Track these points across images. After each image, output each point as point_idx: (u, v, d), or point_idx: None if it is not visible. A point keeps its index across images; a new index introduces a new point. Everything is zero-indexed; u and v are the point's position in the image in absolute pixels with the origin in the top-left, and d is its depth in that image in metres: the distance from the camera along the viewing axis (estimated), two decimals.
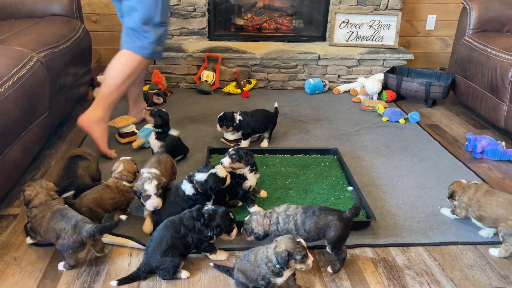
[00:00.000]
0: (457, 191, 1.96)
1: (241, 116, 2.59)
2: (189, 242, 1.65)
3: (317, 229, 1.66)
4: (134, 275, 1.63)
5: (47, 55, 2.45)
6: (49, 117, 2.45)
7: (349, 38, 3.91)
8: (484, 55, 2.99)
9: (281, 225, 1.68)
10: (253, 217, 1.73)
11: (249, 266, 1.53)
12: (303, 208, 1.71)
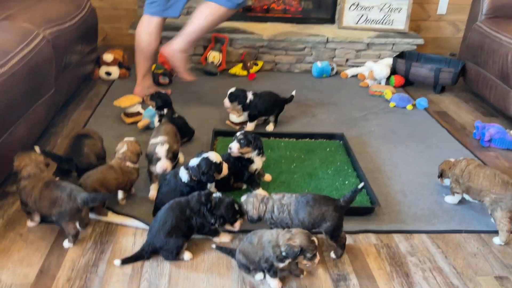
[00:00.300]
0: (445, 170, 2.03)
1: (252, 96, 2.57)
2: (193, 225, 1.66)
3: (311, 219, 1.63)
4: (138, 255, 1.65)
5: (53, 32, 2.43)
6: (55, 95, 2.45)
7: (359, 21, 3.85)
8: (496, 42, 2.93)
9: (276, 214, 1.66)
10: (250, 199, 1.71)
11: (251, 248, 1.53)
12: (297, 197, 1.67)
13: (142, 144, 2.06)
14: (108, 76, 3.32)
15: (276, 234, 1.51)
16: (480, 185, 1.84)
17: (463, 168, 1.93)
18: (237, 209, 1.68)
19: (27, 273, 1.57)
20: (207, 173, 1.79)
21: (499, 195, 1.79)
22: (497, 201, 1.79)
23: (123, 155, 1.92)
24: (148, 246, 1.65)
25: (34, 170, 1.73)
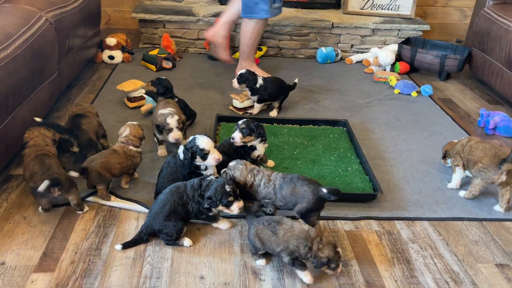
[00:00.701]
0: (449, 150, 2.10)
1: (262, 80, 2.58)
2: (190, 210, 1.66)
3: (292, 196, 1.66)
4: (137, 238, 1.66)
5: (56, 14, 2.41)
6: (58, 79, 2.44)
7: (364, 6, 3.79)
8: (504, 28, 2.89)
9: (262, 188, 1.70)
10: (239, 166, 1.73)
11: (274, 239, 1.51)
12: (284, 175, 1.72)
13: (145, 128, 2.07)
14: (111, 60, 3.30)
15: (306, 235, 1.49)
16: (476, 157, 1.94)
17: (464, 143, 2.02)
18: (229, 190, 1.61)
19: (31, 256, 1.59)
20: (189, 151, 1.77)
21: (484, 165, 1.89)
22: (481, 170, 1.90)
23: (125, 139, 1.92)
24: (147, 228, 1.66)
25: (39, 141, 1.84)
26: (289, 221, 1.55)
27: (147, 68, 3.25)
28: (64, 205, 1.83)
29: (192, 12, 3.58)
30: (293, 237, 1.49)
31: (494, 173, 1.86)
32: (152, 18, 3.50)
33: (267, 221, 1.56)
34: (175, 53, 3.45)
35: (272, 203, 1.71)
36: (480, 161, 1.90)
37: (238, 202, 1.64)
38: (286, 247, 1.50)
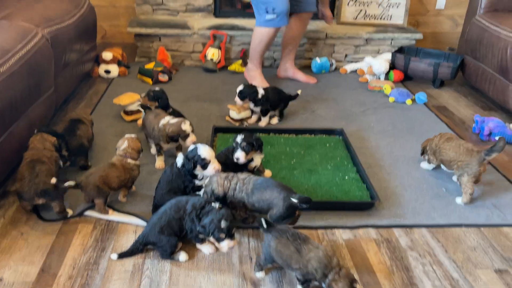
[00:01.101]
0: (426, 146, 2.19)
1: (263, 91, 2.61)
2: (183, 226, 1.63)
3: (261, 201, 1.68)
4: (133, 249, 1.65)
5: (52, 31, 2.43)
6: (54, 94, 2.45)
7: (357, 17, 3.84)
8: (495, 36, 2.93)
9: (237, 192, 1.71)
10: (214, 178, 1.74)
11: (296, 257, 1.46)
12: (258, 179, 1.73)
13: (142, 141, 2.07)
14: (107, 74, 3.32)
15: (328, 262, 1.43)
16: (449, 156, 2.02)
17: (436, 143, 2.11)
18: (223, 227, 1.55)
19: (28, 272, 1.58)
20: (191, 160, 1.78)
21: (464, 162, 1.95)
22: (463, 167, 1.95)
23: (123, 152, 1.92)
24: (143, 238, 1.65)
25: (38, 145, 1.91)
26: (315, 242, 1.49)
27: (143, 81, 3.27)
28: (61, 220, 1.82)
29: (187, 26, 3.62)
30: (315, 260, 1.43)
31: (478, 166, 1.93)
32: (147, 32, 3.52)
33: (292, 236, 1.49)
34: (171, 66, 3.47)
35: (246, 208, 1.72)
36: (458, 159, 1.98)
37: (229, 241, 1.57)
38: (304, 266, 1.44)
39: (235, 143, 1.97)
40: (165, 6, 3.79)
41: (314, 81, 3.38)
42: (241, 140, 1.95)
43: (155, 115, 2.25)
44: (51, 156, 1.92)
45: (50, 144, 1.96)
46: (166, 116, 2.20)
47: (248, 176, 1.76)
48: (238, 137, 1.97)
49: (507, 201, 2.05)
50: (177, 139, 2.13)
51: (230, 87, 3.22)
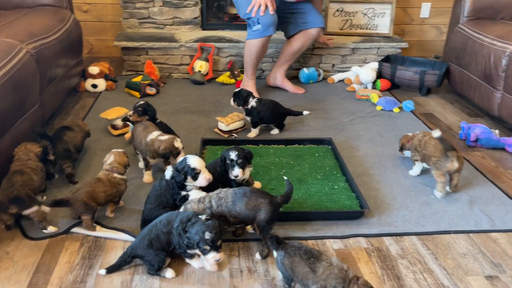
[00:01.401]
0: (404, 143, 2.33)
1: (256, 102, 2.62)
2: (171, 240, 1.60)
3: (247, 210, 1.66)
4: (121, 261, 1.63)
5: (36, 46, 2.42)
6: (40, 110, 2.43)
7: (343, 27, 3.88)
8: (478, 43, 2.98)
9: (215, 208, 1.68)
10: (188, 205, 1.70)
11: (312, 277, 1.43)
12: (235, 190, 1.72)
13: (130, 156, 2.05)
14: (94, 88, 3.30)
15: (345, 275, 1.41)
16: (430, 152, 2.13)
17: (420, 138, 2.21)
18: (207, 238, 1.51)
19: None
20: (181, 172, 1.77)
21: (437, 158, 2.09)
22: (435, 162, 2.09)
23: (110, 166, 1.91)
24: (132, 250, 1.62)
25: (22, 156, 1.95)
26: (328, 257, 1.46)
27: (131, 95, 3.26)
28: (47, 238, 1.79)
29: (174, 38, 3.62)
30: (332, 276, 1.41)
31: (446, 163, 2.05)
32: (134, 46, 3.52)
33: (305, 254, 1.47)
34: (159, 79, 3.47)
35: (226, 221, 1.70)
36: (433, 155, 2.10)
37: (215, 253, 1.54)
38: (323, 286, 1.41)
39: (230, 160, 1.92)
40: (152, 19, 3.80)
41: (301, 91, 3.40)
42: (236, 157, 1.92)
43: (143, 128, 2.24)
44: (36, 166, 1.93)
45: (34, 155, 1.98)
46: (154, 131, 2.18)
47: (219, 190, 1.74)
48: (232, 154, 1.92)
49: (495, 206, 2.06)
50: (169, 157, 2.12)
51: (219, 99, 3.22)
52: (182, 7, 3.77)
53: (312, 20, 3.23)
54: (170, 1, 3.73)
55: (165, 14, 3.78)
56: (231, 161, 1.92)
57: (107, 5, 4.02)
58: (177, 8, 3.77)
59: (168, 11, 3.77)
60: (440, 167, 2.08)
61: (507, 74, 2.68)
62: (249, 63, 3.21)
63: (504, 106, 2.72)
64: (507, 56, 2.67)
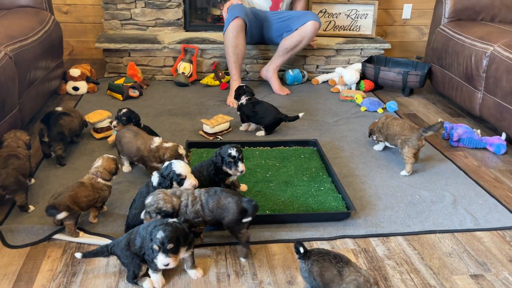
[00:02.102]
0: (373, 128, 2.50)
1: (246, 101, 2.70)
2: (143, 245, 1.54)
3: (218, 208, 1.66)
4: (99, 251, 1.59)
5: (15, 48, 2.36)
6: (19, 113, 2.37)
7: (327, 28, 3.90)
8: (460, 44, 3.02)
9: (190, 207, 1.66)
10: (159, 195, 1.63)
11: (336, 280, 1.41)
12: (208, 189, 1.71)
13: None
14: (75, 91, 3.23)
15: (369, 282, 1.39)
16: (394, 132, 2.33)
17: (383, 121, 2.43)
18: (158, 238, 1.43)
19: None
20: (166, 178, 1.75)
21: (407, 136, 2.26)
22: (405, 140, 2.27)
23: (95, 170, 1.87)
24: (112, 246, 1.58)
25: (12, 143, 2.02)
26: (356, 266, 1.44)
27: (113, 97, 3.21)
28: (29, 245, 1.74)
29: (157, 40, 3.58)
30: (353, 284, 1.38)
31: (417, 140, 2.25)
32: (116, 47, 3.47)
33: (335, 259, 1.44)
34: (142, 81, 3.42)
35: (203, 220, 1.68)
36: (402, 133, 2.29)
37: (163, 257, 1.44)
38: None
39: (232, 158, 1.88)
40: (134, 21, 3.75)
41: (285, 92, 3.40)
42: (237, 153, 1.89)
43: (134, 134, 2.20)
44: (25, 154, 2.02)
45: (23, 143, 2.06)
46: (155, 138, 2.17)
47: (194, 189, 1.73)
48: (232, 151, 1.89)
49: (479, 205, 2.09)
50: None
51: (203, 101, 3.20)
52: (165, 8, 3.73)
53: (304, 17, 3.24)
54: (153, 2, 3.69)
55: (147, 15, 3.74)
56: (233, 158, 1.89)
57: (87, 6, 3.96)
58: (160, 9, 3.73)
59: (150, 12, 3.73)
60: (411, 144, 2.26)
61: (487, 75, 2.72)
62: (228, 61, 3.22)
63: (485, 106, 2.77)
64: (488, 56, 2.71)
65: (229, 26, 3.11)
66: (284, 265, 1.69)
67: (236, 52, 3.18)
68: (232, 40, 3.13)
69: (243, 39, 3.17)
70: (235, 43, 3.14)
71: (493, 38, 2.79)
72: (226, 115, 2.77)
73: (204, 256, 1.73)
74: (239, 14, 3.09)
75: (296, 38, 3.24)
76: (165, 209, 1.61)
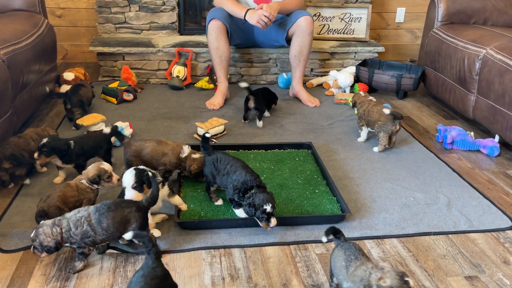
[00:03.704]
0: (357, 101, 2.71)
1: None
2: None
3: (116, 223, 1.59)
4: None
5: (8, 52, 2.35)
6: (12, 117, 2.35)
7: (321, 31, 3.92)
8: (452, 47, 3.04)
9: (73, 230, 1.57)
10: (40, 230, 1.57)
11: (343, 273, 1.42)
12: (96, 207, 1.62)
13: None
14: None
15: (368, 273, 1.38)
16: (373, 118, 2.54)
17: (364, 109, 2.61)
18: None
19: None
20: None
21: (382, 122, 2.50)
22: (381, 126, 2.50)
23: (85, 172, 1.86)
24: None
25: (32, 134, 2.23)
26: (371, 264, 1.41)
27: (107, 101, 3.20)
28: (21, 250, 1.73)
29: (151, 43, 3.58)
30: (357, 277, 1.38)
31: (391, 126, 2.49)
32: (110, 51, 3.46)
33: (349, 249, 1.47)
34: (136, 85, 3.41)
35: (92, 240, 1.60)
36: (379, 119, 2.50)
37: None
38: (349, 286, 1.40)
39: (266, 214, 1.76)
40: (128, 24, 3.74)
41: (313, 104, 3.26)
42: (272, 209, 1.77)
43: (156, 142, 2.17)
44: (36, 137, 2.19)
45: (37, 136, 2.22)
46: (184, 146, 2.16)
47: (77, 210, 1.63)
48: (268, 207, 1.76)
49: (472, 207, 2.10)
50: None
51: (197, 104, 3.19)
52: (159, 11, 3.73)
53: (293, 16, 3.19)
54: (147, 6, 3.69)
55: (141, 19, 3.73)
56: (267, 214, 1.75)
57: (81, 9, 3.95)
58: (154, 13, 3.73)
59: (144, 16, 3.73)
60: (386, 129, 2.50)
61: (480, 77, 2.74)
62: (213, 62, 3.22)
63: (478, 108, 2.78)
64: (481, 59, 2.73)
65: (208, 28, 3.12)
66: (279, 268, 1.69)
67: (218, 54, 3.16)
68: (213, 42, 3.13)
69: (224, 41, 3.14)
70: (215, 45, 3.13)
71: (485, 41, 2.81)
72: (221, 118, 2.77)
73: (198, 260, 1.72)
74: (215, 16, 3.09)
75: (296, 41, 3.20)
76: (47, 245, 1.55)
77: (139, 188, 1.76)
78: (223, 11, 3.14)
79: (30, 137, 2.17)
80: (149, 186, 1.78)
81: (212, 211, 1.98)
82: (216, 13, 3.12)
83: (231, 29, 3.18)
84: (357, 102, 2.71)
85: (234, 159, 1.96)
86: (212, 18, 3.10)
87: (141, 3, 3.67)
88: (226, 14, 3.14)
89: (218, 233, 1.85)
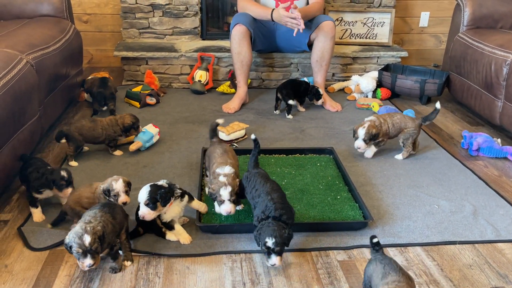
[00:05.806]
0: (378, 132, 2.47)
1: None
2: None
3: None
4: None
5: (36, 56, 2.41)
6: (39, 120, 2.41)
7: (343, 36, 3.89)
8: (479, 52, 2.98)
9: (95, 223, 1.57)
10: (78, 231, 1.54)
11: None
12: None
13: (131, 165, 2.03)
14: None
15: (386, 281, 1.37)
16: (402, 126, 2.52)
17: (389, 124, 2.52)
18: None
19: None
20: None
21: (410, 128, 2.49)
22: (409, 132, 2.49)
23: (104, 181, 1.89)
24: None
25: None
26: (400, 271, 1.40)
27: (130, 105, 3.25)
28: (51, 247, 1.77)
29: (174, 48, 3.62)
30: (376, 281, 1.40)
31: (418, 131, 2.51)
32: (134, 56, 3.52)
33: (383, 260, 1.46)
34: (159, 89, 3.46)
35: None
36: (407, 126, 2.49)
37: None
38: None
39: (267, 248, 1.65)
40: (152, 29, 3.80)
41: (335, 109, 3.24)
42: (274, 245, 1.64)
43: (223, 150, 2.11)
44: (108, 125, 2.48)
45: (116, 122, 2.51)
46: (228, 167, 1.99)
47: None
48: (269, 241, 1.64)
49: (500, 216, 2.04)
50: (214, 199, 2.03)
51: (219, 108, 3.21)
52: (182, 17, 3.78)
53: (316, 20, 3.18)
54: (170, 11, 3.74)
55: (165, 24, 3.78)
56: (268, 248, 1.64)
57: (107, 15, 4.03)
58: (177, 18, 3.78)
59: (168, 21, 3.78)
60: (414, 134, 2.48)
61: (508, 83, 2.67)
62: (234, 67, 3.24)
63: (506, 114, 2.72)
64: (508, 64, 2.67)
65: (232, 33, 3.14)
66: (300, 274, 1.68)
67: (239, 59, 3.17)
68: (235, 47, 3.15)
69: (247, 46, 3.15)
70: (238, 50, 3.15)
71: None
72: (242, 122, 2.78)
73: (219, 264, 1.72)
74: (240, 21, 3.11)
75: (318, 46, 3.19)
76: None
77: (152, 206, 1.70)
78: (248, 16, 3.16)
79: (100, 125, 2.44)
80: (163, 204, 1.72)
81: (233, 216, 1.98)
82: (241, 18, 3.14)
83: (254, 35, 3.19)
84: (379, 133, 2.46)
85: (262, 181, 1.86)
86: (236, 23, 3.13)
87: (164, 9, 3.73)
88: (250, 19, 3.16)
89: (239, 238, 1.86)
